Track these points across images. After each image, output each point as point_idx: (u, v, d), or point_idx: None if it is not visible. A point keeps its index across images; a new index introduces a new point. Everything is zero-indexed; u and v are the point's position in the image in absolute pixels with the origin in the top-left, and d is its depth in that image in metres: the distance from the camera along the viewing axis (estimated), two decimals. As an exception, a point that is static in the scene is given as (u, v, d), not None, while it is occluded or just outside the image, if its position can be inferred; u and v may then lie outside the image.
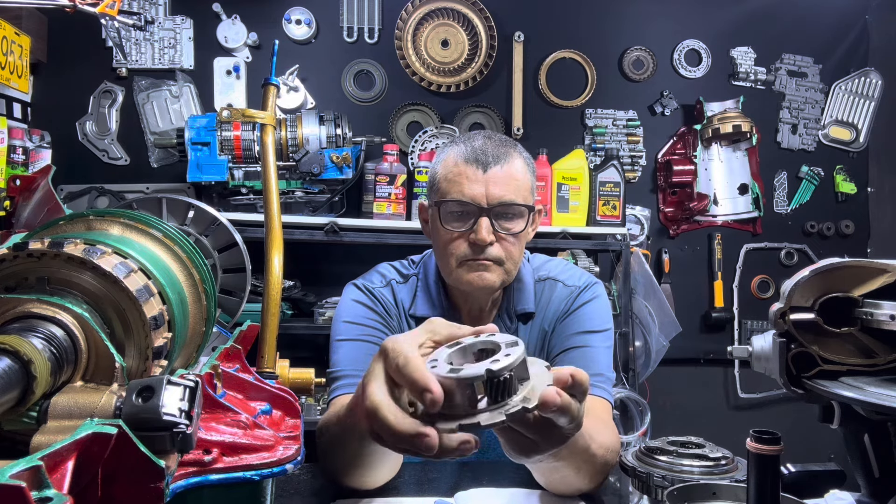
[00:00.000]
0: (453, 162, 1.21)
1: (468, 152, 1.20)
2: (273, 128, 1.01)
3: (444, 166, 1.23)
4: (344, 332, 1.26)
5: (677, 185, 2.84)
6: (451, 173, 1.21)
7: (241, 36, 2.59)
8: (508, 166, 1.20)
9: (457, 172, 1.20)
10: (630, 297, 2.52)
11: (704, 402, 2.89)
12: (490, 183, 1.18)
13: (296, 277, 2.48)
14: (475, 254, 1.19)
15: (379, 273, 1.35)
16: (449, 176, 1.21)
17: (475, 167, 1.19)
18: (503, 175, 1.19)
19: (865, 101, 2.95)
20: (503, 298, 1.30)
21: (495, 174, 1.18)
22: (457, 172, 1.20)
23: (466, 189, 1.18)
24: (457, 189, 1.19)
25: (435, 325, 0.67)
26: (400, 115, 2.70)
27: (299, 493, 1.08)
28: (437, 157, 1.27)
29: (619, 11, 2.84)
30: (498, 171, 1.18)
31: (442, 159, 1.25)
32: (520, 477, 1.12)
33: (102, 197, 2.49)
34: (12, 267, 0.55)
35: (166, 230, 0.69)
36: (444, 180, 1.22)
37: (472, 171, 1.19)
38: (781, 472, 0.82)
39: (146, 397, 0.47)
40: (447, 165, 1.22)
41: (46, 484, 0.35)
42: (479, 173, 1.18)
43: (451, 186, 1.20)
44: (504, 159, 1.20)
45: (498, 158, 1.19)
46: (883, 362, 0.76)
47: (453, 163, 1.21)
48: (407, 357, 0.60)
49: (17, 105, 2.39)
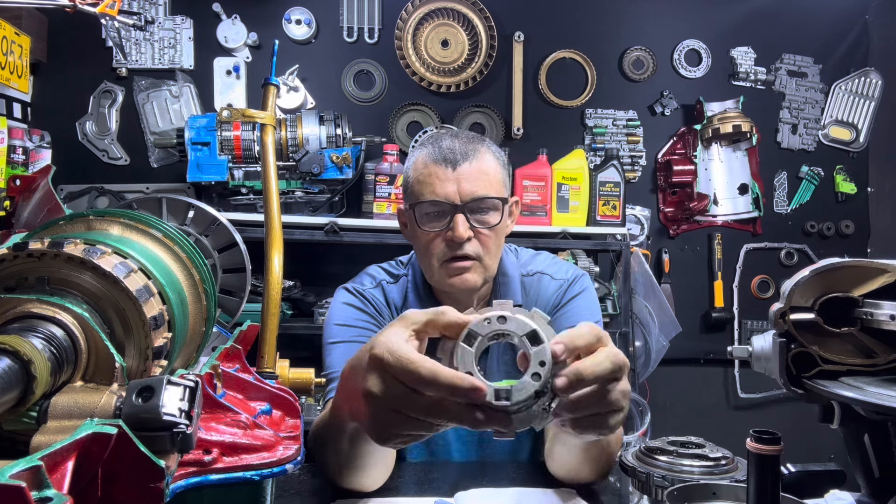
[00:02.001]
0: (423, 163, 1.23)
1: (436, 153, 1.22)
2: (273, 128, 1.02)
3: (414, 169, 1.25)
4: (336, 334, 1.27)
5: (677, 185, 2.84)
6: (421, 175, 1.23)
7: (241, 36, 2.59)
8: (478, 162, 1.21)
9: (427, 173, 1.22)
10: (630, 297, 2.52)
11: (704, 402, 2.89)
12: (461, 180, 1.19)
13: (296, 277, 2.48)
14: (453, 251, 1.20)
15: (369, 275, 1.37)
16: (420, 178, 1.23)
17: (444, 166, 1.20)
18: (473, 171, 1.20)
19: (865, 101, 2.95)
20: (490, 294, 1.32)
21: (465, 171, 1.20)
22: (427, 173, 1.22)
23: (438, 188, 1.20)
24: (429, 189, 1.21)
25: (409, 317, 0.65)
26: (400, 115, 2.70)
27: (299, 493, 1.08)
28: (408, 161, 1.29)
29: (619, 11, 2.84)
30: (468, 168, 1.20)
31: (412, 162, 1.27)
32: (520, 477, 1.12)
33: (102, 197, 2.49)
34: (12, 267, 0.55)
35: (166, 230, 0.69)
36: (416, 182, 1.24)
37: (442, 171, 1.20)
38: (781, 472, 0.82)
39: (146, 397, 0.47)
40: (417, 167, 1.24)
41: (46, 484, 0.35)
42: (448, 172, 1.20)
43: (423, 188, 1.22)
44: (473, 155, 1.21)
45: (466, 155, 1.21)
46: (883, 362, 0.76)
47: (423, 164, 1.23)
48: (421, 365, 0.59)
49: (17, 105, 2.39)
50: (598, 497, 1.07)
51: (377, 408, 0.62)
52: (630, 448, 0.92)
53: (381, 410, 0.62)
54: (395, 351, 0.61)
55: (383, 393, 0.61)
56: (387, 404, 0.61)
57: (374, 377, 0.62)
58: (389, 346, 0.61)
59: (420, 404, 0.60)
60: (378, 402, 0.61)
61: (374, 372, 0.62)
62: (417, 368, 0.59)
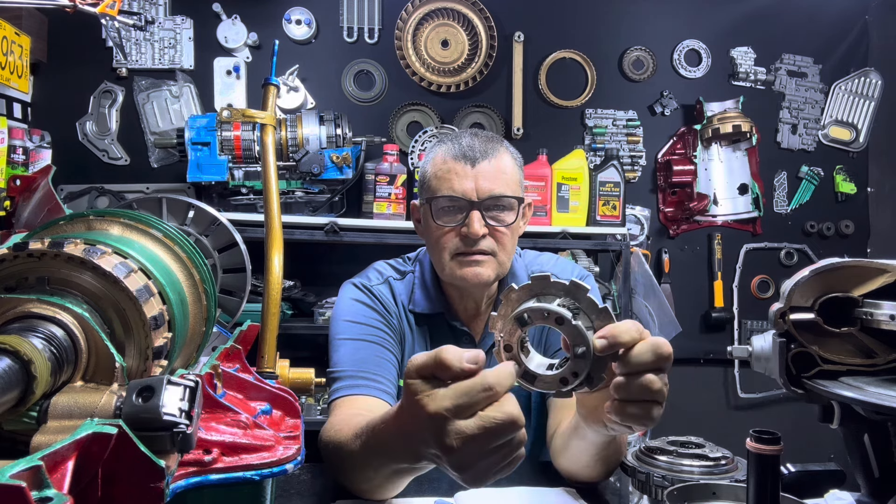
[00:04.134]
0: (442, 159, 1.24)
1: (456, 149, 1.23)
2: (273, 128, 1.02)
3: (433, 164, 1.26)
4: (345, 330, 1.26)
5: (677, 185, 2.84)
6: (440, 170, 1.23)
7: (241, 36, 2.59)
8: (496, 161, 1.22)
9: (446, 169, 1.22)
10: (630, 297, 2.52)
11: (704, 402, 2.89)
12: (479, 177, 1.20)
13: (296, 277, 2.48)
14: (467, 246, 1.20)
15: (376, 270, 1.36)
16: (438, 173, 1.23)
17: (464, 163, 1.21)
18: (491, 169, 1.21)
19: (865, 101, 2.95)
20: (498, 293, 1.31)
21: (484, 169, 1.21)
22: (446, 169, 1.22)
23: (456, 184, 1.20)
24: (447, 185, 1.21)
25: (415, 361, 0.68)
26: (400, 115, 2.70)
27: (299, 493, 1.08)
28: (427, 157, 1.30)
29: (619, 11, 2.84)
30: (486, 166, 1.21)
31: (431, 158, 1.27)
32: (520, 477, 1.12)
33: (102, 197, 2.49)
34: (12, 267, 0.55)
35: (166, 230, 0.69)
36: (433, 178, 1.24)
37: (461, 167, 1.21)
38: (781, 472, 0.82)
39: (146, 397, 0.47)
40: (436, 163, 1.25)
41: (46, 484, 0.35)
42: (467, 169, 1.21)
43: (441, 183, 1.22)
44: (492, 154, 1.22)
45: (486, 153, 1.22)
46: (883, 362, 0.76)
47: (442, 160, 1.24)
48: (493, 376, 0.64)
49: (17, 105, 2.39)
50: (599, 497, 1.07)
51: (462, 451, 0.63)
52: (630, 448, 0.92)
53: (467, 448, 0.63)
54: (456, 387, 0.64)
55: (461, 433, 0.63)
56: (473, 441, 0.63)
57: (438, 424, 0.64)
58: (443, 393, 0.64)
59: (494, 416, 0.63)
60: (462, 442, 0.63)
61: (435, 421, 0.64)
62: (478, 377, 0.64)
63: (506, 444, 0.64)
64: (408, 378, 0.67)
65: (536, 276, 0.68)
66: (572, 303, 0.67)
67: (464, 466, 0.65)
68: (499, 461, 0.65)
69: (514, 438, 0.64)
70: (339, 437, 0.98)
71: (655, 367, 0.67)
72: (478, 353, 0.64)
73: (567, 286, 0.67)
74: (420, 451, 0.69)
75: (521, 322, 0.67)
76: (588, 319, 0.67)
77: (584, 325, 0.66)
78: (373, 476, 0.90)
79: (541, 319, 0.66)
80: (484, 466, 0.65)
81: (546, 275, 0.68)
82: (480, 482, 0.67)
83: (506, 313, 0.69)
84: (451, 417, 0.62)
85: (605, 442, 0.92)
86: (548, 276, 0.68)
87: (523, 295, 0.69)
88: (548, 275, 0.68)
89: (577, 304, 0.67)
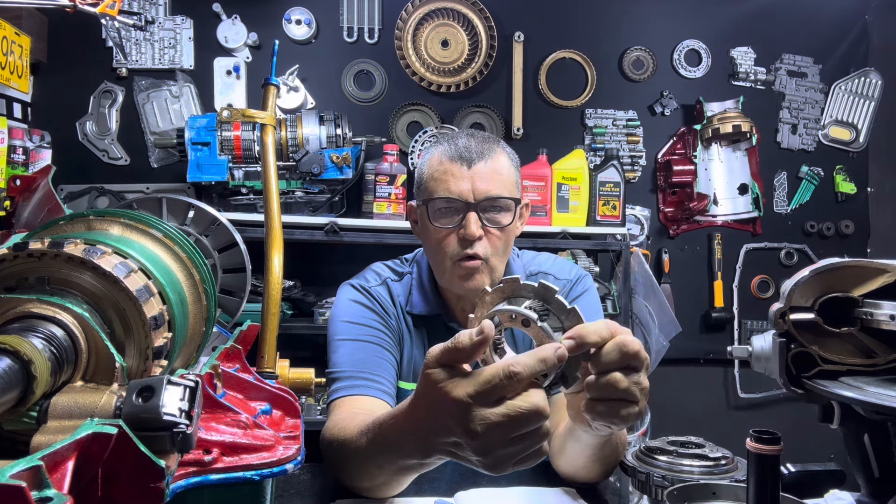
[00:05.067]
0: (438, 160, 1.23)
1: (453, 150, 1.22)
2: (273, 128, 1.02)
3: (429, 165, 1.25)
4: (344, 331, 1.26)
5: (677, 185, 2.84)
6: (436, 171, 1.23)
7: (241, 36, 2.59)
8: (493, 162, 1.22)
9: (442, 170, 1.22)
10: (630, 297, 2.52)
11: (704, 402, 2.89)
12: (476, 179, 1.20)
13: (296, 277, 2.48)
14: (464, 248, 1.20)
15: (374, 272, 1.36)
16: (435, 174, 1.23)
17: (460, 164, 1.21)
18: (488, 170, 1.21)
19: (865, 101, 2.95)
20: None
21: (480, 170, 1.20)
22: (442, 170, 1.22)
23: (453, 186, 1.20)
24: (443, 186, 1.21)
25: (433, 354, 0.70)
26: (400, 115, 2.70)
27: (299, 493, 1.08)
28: (423, 158, 1.29)
29: (619, 11, 2.84)
30: (483, 167, 1.21)
31: (427, 159, 1.27)
32: (520, 477, 1.12)
33: (102, 197, 2.49)
34: (12, 267, 0.55)
35: (166, 230, 0.69)
36: (430, 179, 1.24)
37: (458, 168, 1.21)
38: (781, 472, 0.82)
39: (146, 397, 0.47)
40: (432, 164, 1.24)
41: (46, 484, 0.35)
42: (464, 170, 1.20)
43: (437, 184, 1.22)
44: (488, 155, 1.22)
45: (482, 155, 1.21)
46: (883, 362, 0.76)
47: (438, 161, 1.23)
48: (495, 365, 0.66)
49: (17, 105, 2.39)
50: (599, 497, 1.07)
51: (486, 436, 0.65)
52: (630, 448, 0.92)
53: (491, 435, 0.65)
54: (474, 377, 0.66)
55: (484, 419, 0.64)
56: (495, 427, 0.64)
57: (462, 410, 0.65)
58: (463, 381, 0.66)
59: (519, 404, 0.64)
60: (484, 428, 0.64)
61: (459, 407, 0.65)
62: (495, 366, 0.65)
63: (529, 434, 0.66)
64: (427, 369, 0.69)
65: (507, 279, 0.70)
66: (542, 305, 0.68)
67: (486, 451, 0.66)
68: (520, 451, 0.67)
69: (539, 430, 0.66)
70: (343, 434, 0.98)
71: (623, 366, 0.69)
72: (484, 324, 0.66)
73: (536, 288, 0.69)
74: (434, 443, 0.71)
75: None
76: (558, 321, 0.68)
77: (555, 327, 0.67)
78: (377, 474, 0.91)
79: (509, 321, 0.68)
80: (505, 454, 0.67)
81: (516, 277, 0.70)
82: (500, 469, 0.68)
83: (480, 315, 0.71)
84: (475, 404, 0.65)
85: (600, 443, 0.92)
86: (517, 278, 0.70)
87: (496, 298, 0.71)
88: (517, 277, 0.70)
89: (547, 306, 0.68)
